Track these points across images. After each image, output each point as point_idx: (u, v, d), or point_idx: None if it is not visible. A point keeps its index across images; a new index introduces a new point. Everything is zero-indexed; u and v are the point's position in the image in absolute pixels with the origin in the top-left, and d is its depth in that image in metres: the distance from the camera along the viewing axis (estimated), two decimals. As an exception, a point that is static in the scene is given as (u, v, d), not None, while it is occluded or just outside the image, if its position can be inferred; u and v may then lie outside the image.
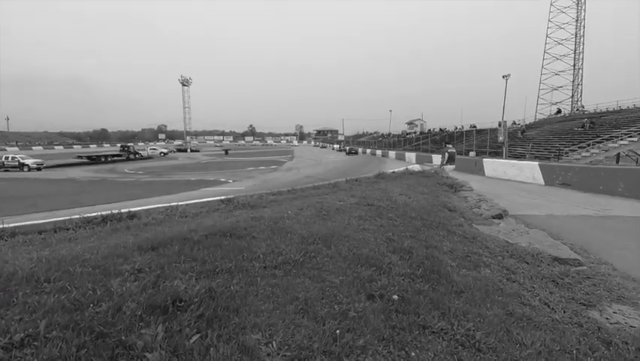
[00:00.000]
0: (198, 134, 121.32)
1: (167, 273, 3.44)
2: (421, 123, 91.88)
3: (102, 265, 3.50)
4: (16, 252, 3.97)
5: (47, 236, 4.68)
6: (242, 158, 47.94)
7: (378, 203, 7.53)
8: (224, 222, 5.25)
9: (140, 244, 4.05)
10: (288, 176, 24.83)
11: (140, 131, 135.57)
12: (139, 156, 47.44)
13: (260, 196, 7.78)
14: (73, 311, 2.71)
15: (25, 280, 3.12)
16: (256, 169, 30.62)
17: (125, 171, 31.12)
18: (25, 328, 2.47)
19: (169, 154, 58.50)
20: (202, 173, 27.96)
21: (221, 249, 4.16)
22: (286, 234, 4.90)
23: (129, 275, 3.34)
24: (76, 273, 3.30)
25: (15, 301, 2.81)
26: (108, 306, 2.79)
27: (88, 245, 4.15)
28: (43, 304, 2.78)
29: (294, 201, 7.51)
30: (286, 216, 5.75)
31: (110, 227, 5.15)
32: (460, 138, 46.56)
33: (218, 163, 39.18)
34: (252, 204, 6.92)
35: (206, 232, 4.65)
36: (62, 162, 37.92)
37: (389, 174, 14.06)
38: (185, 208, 6.51)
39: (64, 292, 2.95)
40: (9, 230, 4.89)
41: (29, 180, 25.32)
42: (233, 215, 5.98)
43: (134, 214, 5.84)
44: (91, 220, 5.44)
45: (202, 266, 3.66)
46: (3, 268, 3.29)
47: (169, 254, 3.88)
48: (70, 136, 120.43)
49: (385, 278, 3.90)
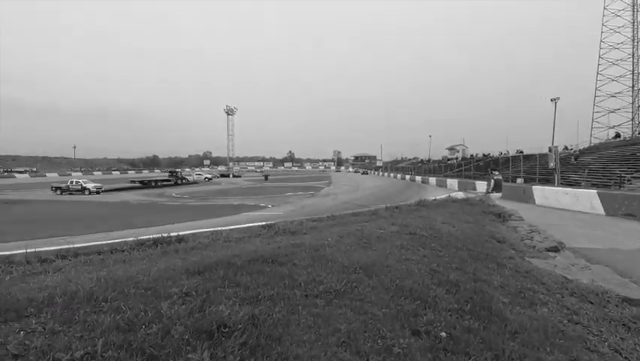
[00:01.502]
0: (240, 161, 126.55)
1: (213, 297, 3.53)
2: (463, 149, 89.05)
3: (153, 287, 3.67)
4: (78, 271, 4.30)
5: (105, 257, 5.04)
6: (281, 183, 49.01)
7: (421, 232, 7.30)
8: (265, 248, 5.34)
9: (187, 268, 4.22)
10: (326, 202, 24.89)
11: (187, 158, 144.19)
12: (185, 181, 50.12)
13: (300, 223, 7.86)
14: (127, 332, 2.84)
15: (85, 299, 3.34)
16: (294, 195, 31.08)
17: (173, 195, 32.93)
18: (85, 346, 2.62)
19: (213, 179, 61.28)
20: (243, 198, 28.86)
21: (263, 275, 4.21)
22: (327, 262, 4.87)
23: (177, 298, 3.46)
24: (130, 294, 3.49)
25: (76, 319, 3.01)
26: (158, 328, 2.90)
27: (141, 267, 4.40)
28: (100, 323, 2.94)
29: (334, 228, 7.49)
30: (327, 244, 5.73)
31: (161, 250, 5.44)
32: (506, 164, 44.38)
33: (258, 188, 40.33)
34: (292, 230, 7.00)
35: (249, 258, 4.75)
36: (118, 186, 41.04)
37: (431, 201, 13.64)
38: (228, 233, 6.73)
39: (119, 313, 3.12)
40: (73, 250, 5.33)
41: (89, 202, 27.58)
42: (275, 241, 6.07)
43: (182, 238, 6.14)
44: (144, 243, 5.78)
45: (245, 292, 3.72)
46: (67, 286, 3.56)
47: (214, 278, 3.99)
48: (126, 162, 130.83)
49: (431, 313, 3.71)
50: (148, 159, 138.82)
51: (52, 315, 3.02)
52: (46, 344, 2.61)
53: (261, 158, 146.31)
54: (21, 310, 3.09)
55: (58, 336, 2.75)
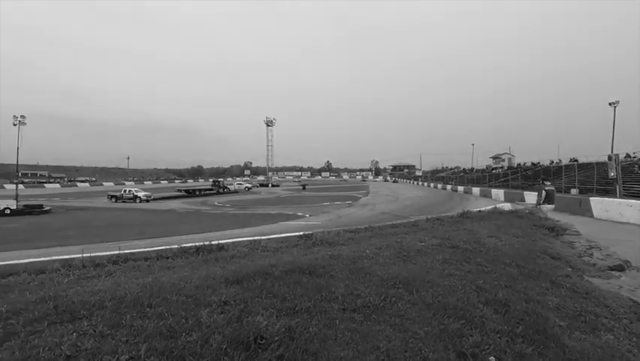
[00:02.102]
0: (279, 170, 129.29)
1: (250, 308, 3.54)
2: (509, 157, 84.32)
3: (194, 295, 3.77)
4: (127, 276, 4.53)
5: (151, 263, 5.29)
6: (318, 193, 49.21)
7: (464, 245, 6.91)
8: (302, 259, 5.32)
9: (227, 277, 4.29)
10: (363, 212, 24.55)
11: (229, 168, 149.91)
12: (227, 191, 51.95)
13: (337, 233, 7.77)
14: (168, 338, 2.92)
15: (132, 304, 3.50)
16: (332, 204, 31.01)
17: (215, 203, 34.20)
18: (130, 350, 2.72)
19: (253, 189, 62.94)
20: (281, 207, 29.28)
21: (300, 286, 4.17)
22: (365, 275, 4.74)
23: (217, 307, 3.52)
24: (172, 301, 3.60)
25: (123, 324, 3.14)
26: (198, 336, 2.95)
27: (183, 274, 4.55)
28: (144, 329, 3.05)
29: (372, 239, 7.32)
30: (364, 256, 5.60)
31: (202, 258, 5.62)
32: (558, 174, 41.23)
33: (296, 198, 40.78)
34: (329, 241, 6.93)
35: (286, 268, 4.74)
36: (165, 195, 43.44)
37: (475, 213, 12.96)
38: (266, 243, 6.81)
39: (162, 319, 3.22)
40: (123, 256, 5.67)
41: (140, 210, 29.41)
42: (312, 252, 6.04)
43: (222, 246, 6.30)
44: (187, 250, 6.01)
45: (282, 303, 3.70)
46: (116, 291, 3.75)
47: (252, 288, 4.02)
48: (174, 172, 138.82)
49: (478, 334, 3.44)
50: (193, 169, 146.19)
51: (102, 318, 3.19)
52: (95, 346, 2.75)
53: (299, 168, 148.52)
54: (75, 313, 3.30)
55: (107, 339, 2.88)
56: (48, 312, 3.26)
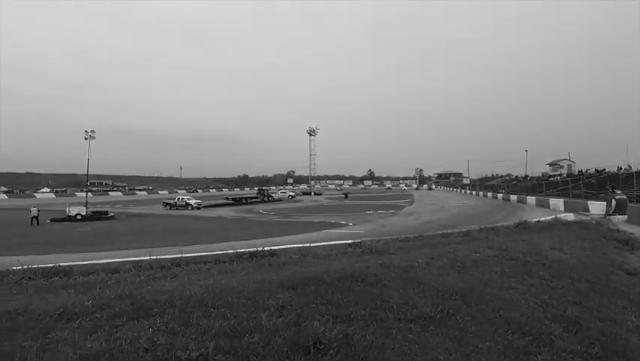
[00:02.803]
0: (321, 179, 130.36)
1: (307, 313, 3.62)
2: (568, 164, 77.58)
3: (252, 298, 3.93)
4: (190, 278, 4.85)
5: (210, 267, 5.60)
6: (361, 201, 48.85)
7: (524, 258, 6.49)
8: (354, 267, 5.33)
9: (281, 282, 4.43)
10: (408, 221, 23.94)
11: (273, 177, 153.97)
12: (271, 199, 53.35)
13: (386, 242, 7.68)
14: (232, 338, 3.07)
15: (197, 304, 3.73)
16: (375, 213, 30.61)
17: (260, 211, 35.26)
18: (199, 347, 2.90)
19: (296, 197, 64.03)
20: (324, 215, 29.44)
21: (353, 294, 4.19)
22: (418, 285, 4.63)
23: (275, 311, 3.64)
24: (233, 303, 3.78)
25: (191, 322, 3.36)
26: (259, 338, 3.07)
27: (240, 278, 4.76)
28: (210, 328, 3.24)
29: (423, 249, 7.13)
30: (417, 266, 5.48)
31: (256, 263, 5.85)
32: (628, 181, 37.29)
33: (338, 206, 40.81)
34: (378, 249, 6.87)
35: (338, 275, 4.78)
36: (214, 202, 45.61)
37: (533, 223, 12.10)
38: (316, 250, 6.91)
39: (226, 320, 3.40)
40: (185, 259, 6.07)
41: (191, 217, 31.13)
42: (362, 260, 6.03)
43: (274, 252, 6.50)
44: (241, 255, 6.29)
45: (337, 310, 3.73)
46: (183, 291, 4.02)
47: (306, 294, 4.10)
48: (221, 181, 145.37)
49: (547, 353, 3.22)
50: (239, 178, 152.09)
51: (172, 316, 3.43)
52: (168, 342, 2.97)
53: (341, 176, 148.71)
54: (149, 310, 3.59)
55: (178, 336, 3.10)
56: (126, 308, 3.58)
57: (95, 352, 2.77)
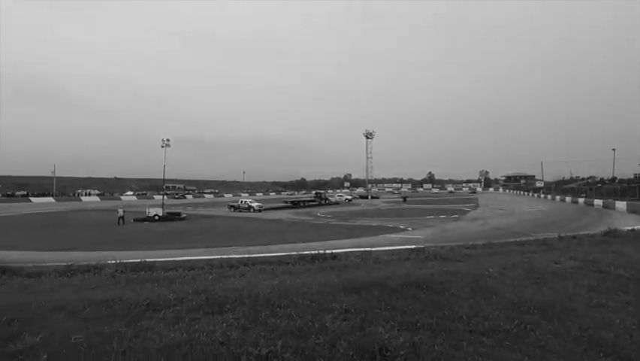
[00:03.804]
0: (378, 182, 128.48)
1: (371, 318, 3.58)
2: (670, 164, 66.78)
3: (316, 300, 4.00)
4: (257, 278, 5.09)
5: (274, 267, 5.83)
6: (420, 206, 47.08)
7: (617, 271, 5.72)
8: (417, 273, 5.16)
9: (344, 285, 4.44)
10: (473, 227, 22.49)
11: (330, 180, 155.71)
12: (328, 202, 53.88)
13: (451, 248, 7.30)
14: (299, 338, 3.15)
15: (265, 303, 3.91)
16: (436, 218, 29.26)
17: (318, 214, 35.74)
18: (268, 344, 3.03)
19: (352, 200, 63.89)
20: (382, 220, 28.90)
21: (418, 301, 4.05)
22: (490, 296, 4.33)
23: (338, 314, 3.66)
24: (298, 303, 3.89)
25: (260, 320, 3.53)
26: (325, 340, 3.11)
27: (304, 280, 4.88)
28: (277, 327, 3.37)
29: (493, 257, 6.65)
30: (487, 275, 5.12)
31: (318, 265, 5.95)
32: None
33: (396, 210, 39.79)
34: (443, 256, 6.56)
35: (402, 282, 4.66)
36: (274, 205, 47.34)
37: (625, 232, 10.61)
38: (377, 254, 6.81)
39: (292, 320, 3.50)
40: (252, 260, 6.40)
41: (253, 219, 32.65)
42: (426, 266, 5.81)
43: (335, 255, 6.57)
44: (304, 257, 6.45)
45: (402, 317, 3.64)
46: (251, 290, 4.24)
47: (370, 299, 4.07)
48: (280, 185, 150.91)
49: (651, 383, 2.80)
50: (297, 181, 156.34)
51: (242, 313, 3.64)
52: (240, 337, 3.15)
53: (398, 179, 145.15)
54: (222, 305, 3.84)
55: (248, 332, 3.27)
56: (202, 303, 3.88)
57: (177, 341, 3.04)
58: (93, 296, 4.16)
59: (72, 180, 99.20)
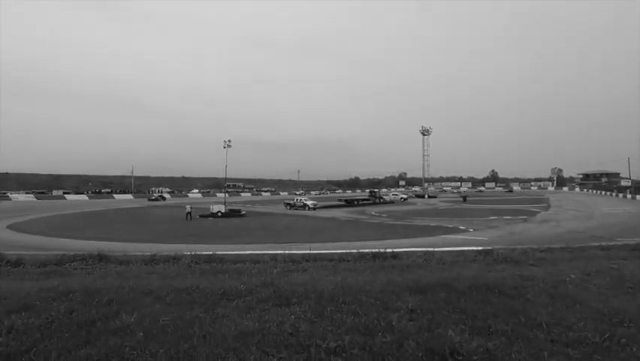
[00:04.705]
0: (435, 181, 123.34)
1: (438, 319, 3.48)
2: None
3: (380, 298, 3.98)
4: (319, 274, 5.21)
5: (335, 264, 5.92)
6: (482, 206, 44.28)
7: None
8: (486, 276, 4.88)
9: (408, 285, 4.36)
10: (544, 229, 20.62)
11: (384, 179, 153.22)
12: (383, 201, 53.01)
13: (524, 251, 6.78)
14: (366, 335, 3.17)
15: (329, 298, 3.99)
16: (500, 219, 27.33)
17: (372, 213, 35.37)
18: (336, 339, 3.08)
19: (408, 200, 62.14)
20: (440, 219, 27.75)
21: (490, 305, 3.83)
22: (573, 304, 3.95)
23: (404, 313, 3.61)
24: (362, 301, 3.91)
25: (325, 315, 3.61)
26: (392, 339, 3.09)
27: (366, 277, 4.88)
28: (343, 322, 3.42)
29: (573, 262, 6.03)
30: (569, 281, 4.68)
31: (378, 264, 5.92)
32: None
33: (455, 210, 37.90)
34: (514, 259, 6.12)
35: (469, 284, 4.45)
36: (328, 203, 47.81)
37: None
38: (440, 255, 6.57)
39: (357, 316, 3.53)
40: (313, 256, 6.56)
41: (308, 217, 33.33)
42: (495, 269, 5.47)
43: (396, 255, 6.47)
44: (364, 256, 6.46)
45: (472, 321, 3.47)
46: (315, 285, 4.35)
47: (436, 300, 3.94)
48: (334, 183, 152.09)
49: None
50: (350, 180, 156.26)
51: (309, 307, 3.75)
52: (308, 330, 3.25)
53: (458, 178, 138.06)
54: (289, 299, 4.00)
55: (315, 326, 3.36)
56: (270, 295, 4.07)
57: (250, 330, 3.23)
58: (174, 284, 4.60)
59: (146, 179, 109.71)
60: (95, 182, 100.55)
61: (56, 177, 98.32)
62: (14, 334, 3.13)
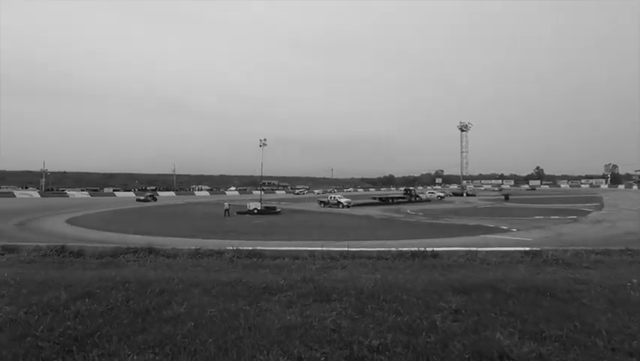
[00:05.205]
0: (474, 179, 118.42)
1: (485, 321, 3.36)
2: None
3: (422, 298, 3.91)
4: (358, 271, 5.21)
5: (373, 262, 5.89)
6: (526, 204, 41.90)
7: None
8: (535, 278, 4.64)
9: (451, 285, 4.25)
10: (597, 230, 19.16)
11: (420, 176, 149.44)
12: (419, 199, 51.73)
13: (576, 253, 6.34)
14: (408, 334, 3.13)
15: (369, 295, 3.97)
16: (546, 218, 25.73)
17: (408, 211, 34.65)
18: (378, 336, 3.07)
19: (445, 198, 60.18)
20: (479, 219, 26.62)
21: (541, 309, 3.64)
22: (636, 310, 3.65)
23: (448, 314, 3.52)
24: (403, 300, 3.85)
25: (366, 312, 3.60)
26: (436, 339, 3.03)
27: (405, 276, 4.81)
28: (385, 320, 3.39)
29: (634, 266, 5.56)
30: (629, 286, 4.32)
31: (418, 262, 5.80)
32: None
33: (496, 209, 36.16)
34: (566, 261, 5.74)
35: (517, 286, 4.25)
36: (362, 201, 47.43)
37: None
38: (484, 255, 6.32)
39: (399, 315, 3.49)
40: (351, 253, 6.57)
41: (342, 214, 33.28)
42: (545, 271, 5.17)
43: (436, 254, 6.31)
44: (403, 254, 6.36)
45: (522, 324, 3.32)
46: (355, 282, 4.36)
47: (481, 301, 3.81)
48: (367, 181, 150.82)
49: None
50: (385, 178, 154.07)
51: (349, 304, 3.76)
52: (350, 326, 3.26)
53: (499, 175, 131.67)
54: (329, 295, 4.03)
55: (356, 323, 3.37)
56: (310, 291, 4.13)
57: (293, 324, 3.30)
58: (219, 277, 4.80)
59: (187, 177, 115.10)
60: (141, 180, 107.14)
61: (107, 176, 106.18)
62: (80, 318, 3.42)
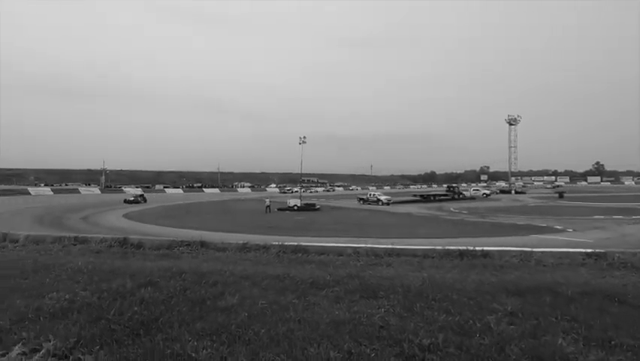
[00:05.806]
0: (523, 175, 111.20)
1: (544, 326, 3.18)
2: None
3: (474, 298, 3.78)
4: (403, 269, 5.14)
5: (419, 260, 5.77)
6: (583, 203, 38.62)
7: None
8: (600, 282, 4.30)
9: (504, 286, 4.06)
10: (672, 232, 17.21)
11: (463, 173, 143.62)
12: (462, 197, 49.68)
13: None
14: (461, 335, 3.04)
15: (417, 294, 3.91)
16: (608, 218, 23.54)
17: (451, 209, 33.37)
18: (429, 336, 3.01)
19: (491, 195, 57.25)
20: (530, 217, 24.98)
21: (609, 316, 3.37)
22: None
23: (502, 316, 3.38)
24: (454, 299, 3.75)
25: (415, 310, 3.55)
26: (490, 342, 2.92)
27: (454, 276, 4.67)
28: (435, 320, 3.33)
29: None
30: None
31: (467, 262, 5.60)
32: None
33: (549, 208, 33.72)
34: (635, 265, 5.24)
35: (579, 289, 3.97)
36: (402, 199, 46.41)
37: None
38: (540, 256, 5.96)
39: (450, 315, 3.40)
40: (396, 251, 6.50)
41: (382, 212, 32.82)
42: (612, 275, 4.77)
43: (487, 253, 6.05)
44: (450, 253, 6.18)
45: (587, 331, 3.10)
46: (402, 280, 4.31)
47: (540, 304, 3.61)
48: (408, 178, 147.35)
49: None
50: (426, 174, 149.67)
51: (397, 301, 3.73)
52: (399, 324, 3.24)
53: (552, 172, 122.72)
54: (375, 292, 4.03)
55: (406, 321, 3.33)
56: (357, 287, 4.15)
57: (341, 319, 3.34)
58: (267, 271, 4.97)
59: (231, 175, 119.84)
60: (188, 177, 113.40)
61: (158, 173, 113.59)
62: (145, 305, 3.71)
